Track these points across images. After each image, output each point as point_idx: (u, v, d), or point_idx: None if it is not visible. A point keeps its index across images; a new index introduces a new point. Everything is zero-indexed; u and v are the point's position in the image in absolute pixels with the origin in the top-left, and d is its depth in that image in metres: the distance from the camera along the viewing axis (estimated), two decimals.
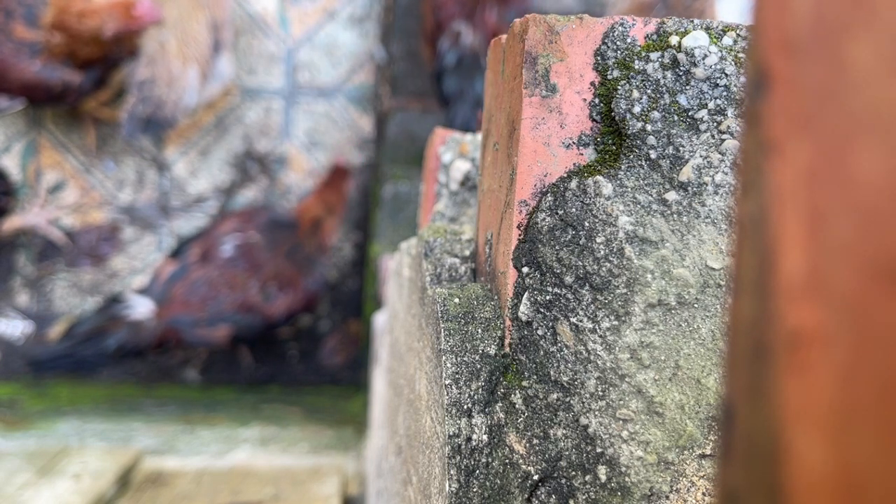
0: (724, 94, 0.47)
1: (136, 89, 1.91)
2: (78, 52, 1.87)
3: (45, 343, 2.03)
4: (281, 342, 2.28)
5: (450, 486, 0.48)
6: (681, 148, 0.48)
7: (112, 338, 1.78)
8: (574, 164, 0.49)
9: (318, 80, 2.32)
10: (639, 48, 0.48)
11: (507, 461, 0.48)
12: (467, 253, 0.61)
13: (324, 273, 1.99)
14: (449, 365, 0.49)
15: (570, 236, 0.48)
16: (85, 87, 1.94)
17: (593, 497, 0.47)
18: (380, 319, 1.31)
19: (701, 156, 0.47)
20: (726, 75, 0.47)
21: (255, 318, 1.89)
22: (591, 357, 0.47)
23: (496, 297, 0.53)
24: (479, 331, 0.50)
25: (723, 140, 0.48)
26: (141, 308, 1.81)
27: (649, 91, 0.48)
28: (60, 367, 1.80)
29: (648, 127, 0.48)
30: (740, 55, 0.48)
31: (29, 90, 1.90)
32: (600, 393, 0.47)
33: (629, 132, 0.48)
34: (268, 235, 1.94)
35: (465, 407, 0.49)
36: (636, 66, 0.48)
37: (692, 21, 0.48)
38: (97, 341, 1.78)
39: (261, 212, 2.03)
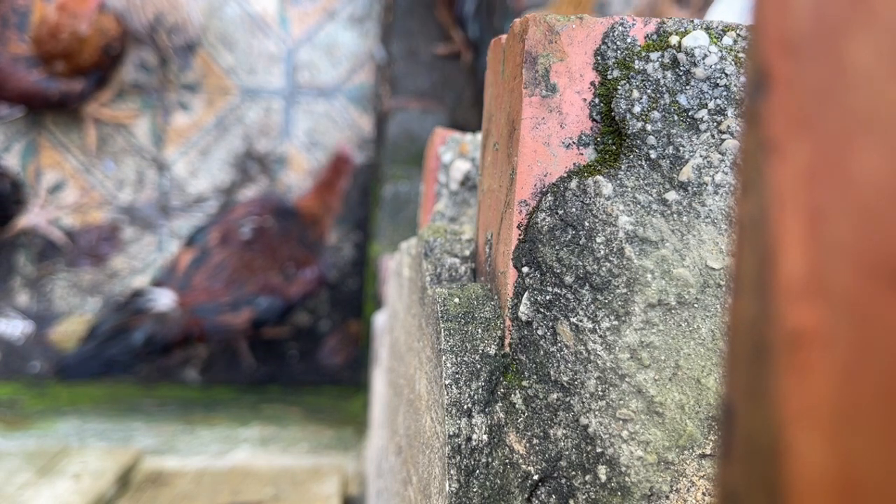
0: (724, 93, 0.47)
1: (162, 30, 1.96)
2: (81, 64, 1.88)
3: (69, 348, 2.02)
4: (281, 342, 2.28)
5: (450, 485, 0.48)
6: (681, 148, 0.48)
7: (139, 331, 1.77)
8: (574, 164, 0.49)
9: (318, 80, 2.32)
10: (639, 48, 0.48)
11: (507, 461, 0.48)
12: (467, 253, 0.61)
13: (329, 259, 2.00)
14: (449, 365, 0.49)
15: (570, 236, 0.48)
16: (86, 92, 1.95)
17: (593, 497, 0.47)
18: (380, 319, 1.31)
19: (701, 156, 0.47)
20: (726, 75, 0.47)
21: (276, 300, 1.89)
22: (591, 357, 0.47)
23: (496, 297, 0.53)
24: (479, 331, 0.50)
25: (723, 140, 0.48)
26: (163, 299, 1.81)
27: (649, 91, 0.48)
28: (89, 370, 1.79)
29: (648, 127, 0.48)
30: (740, 55, 0.48)
31: (27, 99, 1.91)
32: (600, 393, 0.47)
33: (629, 132, 0.48)
34: (280, 221, 1.95)
35: (465, 407, 0.49)
36: (636, 66, 0.48)
37: (692, 21, 0.49)
38: (122, 339, 1.77)
39: (272, 198, 2.04)
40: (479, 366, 0.49)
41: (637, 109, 0.48)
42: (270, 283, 1.87)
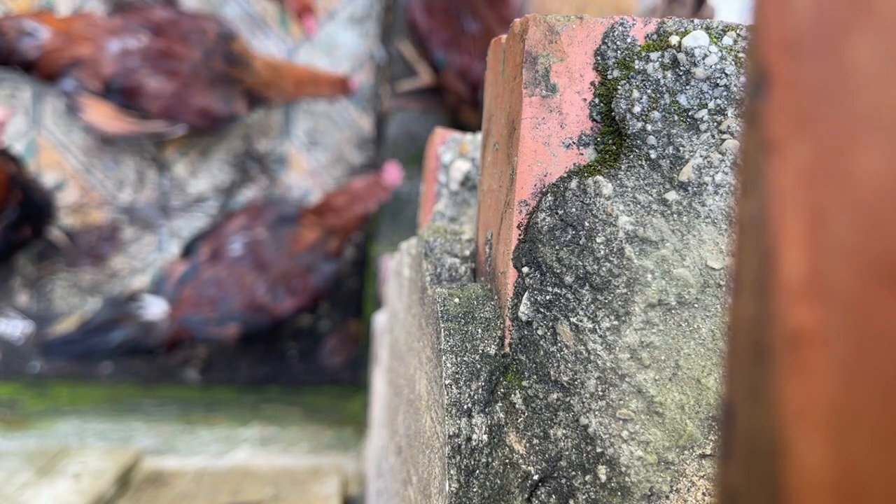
0: (724, 93, 0.47)
1: None
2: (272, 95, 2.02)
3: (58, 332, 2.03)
4: (281, 342, 2.28)
5: (450, 485, 0.48)
6: (681, 148, 0.48)
7: (118, 332, 1.78)
8: (574, 164, 0.49)
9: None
10: (639, 48, 0.48)
11: (507, 461, 0.48)
12: (467, 253, 0.61)
13: (331, 269, 1.96)
14: (449, 365, 0.49)
15: (570, 236, 0.48)
16: (243, 118, 2.04)
17: (593, 497, 0.47)
18: (380, 319, 1.31)
19: (701, 156, 0.47)
20: (726, 75, 0.47)
21: (264, 317, 1.88)
22: (591, 357, 0.47)
23: (496, 297, 0.53)
24: (479, 331, 0.50)
25: (723, 140, 0.48)
26: (154, 308, 1.81)
27: (649, 91, 0.48)
28: (69, 352, 1.81)
29: (648, 127, 0.48)
30: (740, 55, 0.48)
31: (200, 117, 1.95)
32: (600, 393, 0.47)
33: (629, 132, 0.48)
34: (275, 233, 1.92)
35: (465, 407, 0.49)
36: (636, 66, 0.48)
37: (692, 21, 0.48)
38: (105, 332, 1.79)
39: (269, 207, 1.99)
40: (479, 366, 0.49)
41: (637, 109, 0.48)
42: (257, 301, 1.86)
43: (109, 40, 1.82)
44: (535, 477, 0.48)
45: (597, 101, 0.49)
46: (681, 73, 0.48)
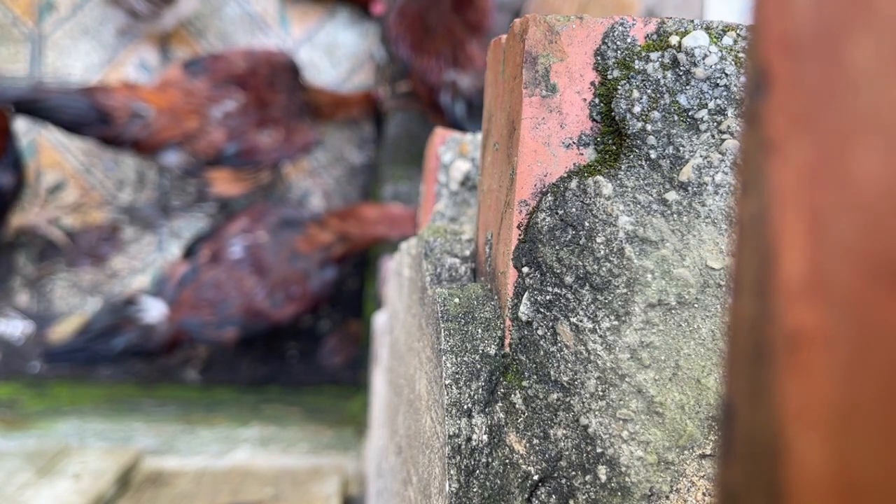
0: (724, 93, 0.47)
1: None
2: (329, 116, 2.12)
3: (60, 339, 2.03)
4: (281, 342, 2.28)
5: (450, 486, 0.48)
6: (681, 148, 0.48)
7: (121, 337, 1.78)
8: (574, 164, 0.49)
9: (319, 80, 2.32)
10: (639, 48, 0.48)
11: (507, 461, 0.48)
12: (467, 253, 0.61)
13: (331, 275, 1.94)
14: (449, 365, 0.49)
15: (570, 236, 0.48)
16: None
17: (593, 497, 0.47)
18: (380, 319, 1.31)
19: (701, 156, 0.47)
20: (726, 75, 0.47)
21: (262, 323, 1.88)
22: (591, 357, 0.47)
23: (496, 297, 0.53)
24: (479, 331, 0.50)
25: (723, 140, 0.48)
26: (153, 311, 1.81)
27: (649, 91, 0.48)
28: (74, 360, 1.81)
29: (648, 127, 0.48)
30: (740, 55, 0.48)
31: (302, 150, 2.03)
32: (600, 393, 0.47)
33: (629, 132, 0.48)
34: (276, 236, 1.91)
35: (465, 407, 0.49)
36: (636, 66, 0.48)
37: (692, 21, 0.48)
38: (108, 338, 1.79)
39: (271, 210, 1.98)
40: (479, 366, 0.49)
41: (637, 109, 0.48)
42: (255, 306, 1.85)
43: (211, 108, 1.84)
44: (535, 477, 0.48)
45: (597, 101, 0.49)
46: (681, 73, 0.48)
